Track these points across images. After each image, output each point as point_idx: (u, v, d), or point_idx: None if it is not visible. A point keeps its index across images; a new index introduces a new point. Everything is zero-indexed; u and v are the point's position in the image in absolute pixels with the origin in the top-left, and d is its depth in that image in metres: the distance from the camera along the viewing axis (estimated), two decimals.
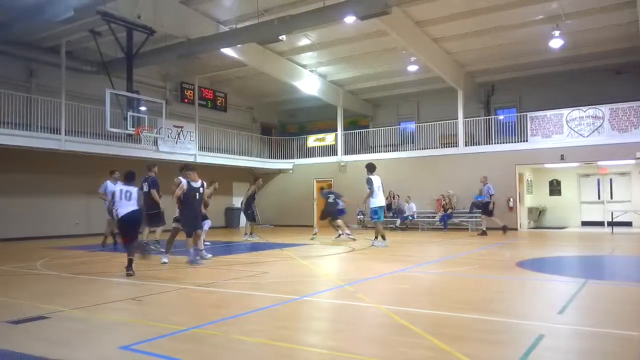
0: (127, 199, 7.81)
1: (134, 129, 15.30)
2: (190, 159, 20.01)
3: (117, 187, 8.28)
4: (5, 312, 5.01)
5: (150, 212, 10.39)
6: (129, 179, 8.12)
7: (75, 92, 17.18)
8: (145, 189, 10.57)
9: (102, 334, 4.24)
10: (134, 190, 7.91)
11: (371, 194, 11.90)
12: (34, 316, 4.79)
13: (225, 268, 8.64)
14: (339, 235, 14.43)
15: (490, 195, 16.08)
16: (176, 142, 19.39)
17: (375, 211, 12.10)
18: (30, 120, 15.75)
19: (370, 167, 12.22)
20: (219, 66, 20.36)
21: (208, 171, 18.55)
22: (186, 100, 22.03)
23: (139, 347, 3.76)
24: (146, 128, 16.10)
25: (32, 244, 14.38)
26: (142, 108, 16.58)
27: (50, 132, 15.79)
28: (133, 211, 7.73)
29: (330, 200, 14.82)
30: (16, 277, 7.83)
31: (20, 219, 16.10)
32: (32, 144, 15.28)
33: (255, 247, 13.06)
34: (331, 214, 14.66)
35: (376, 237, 12.32)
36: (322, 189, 18.05)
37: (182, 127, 19.88)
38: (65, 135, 15.90)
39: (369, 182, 11.97)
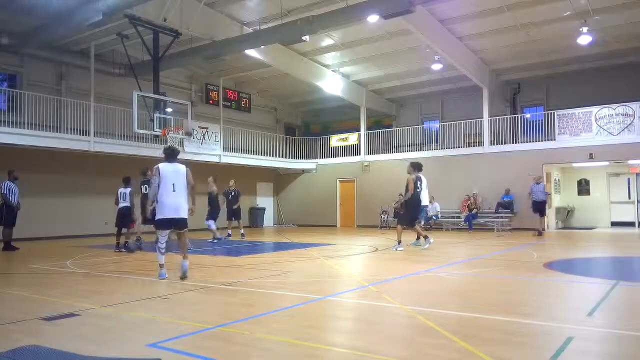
0: None
1: (160, 130, 15.55)
2: (215, 159, 20.25)
3: None
4: (37, 309, 5.15)
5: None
6: None
7: (104, 94, 17.59)
8: (145, 190, 11.86)
9: (130, 331, 4.33)
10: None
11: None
12: (64, 313, 4.92)
13: (251, 267, 8.72)
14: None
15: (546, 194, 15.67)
16: (201, 143, 19.62)
17: (421, 211, 11.95)
18: (61, 122, 16.19)
19: (418, 166, 11.77)
20: (243, 67, 20.55)
21: (232, 171, 18.81)
22: (211, 102, 22.29)
23: (166, 345, 3.82)
24: (172, 129, 16.35)
25: (62, 242, 14.74)
26: (169, 109, 16.85)
27: (80, 134, 16.17)
28: None
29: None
30: (48, 275, 8.05)
31: (50, 218, 16.51)
32: (63, 145, 15.68)
33: (280, 247, 13.14)
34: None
35: (418, 238, 12.13)
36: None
37: (207, 128, 20.10)
38: (94, 136, 16.27)
39: (419, 180, 11.55)
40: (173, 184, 7.02)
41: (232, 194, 15.24)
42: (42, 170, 16.18)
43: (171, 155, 7.32)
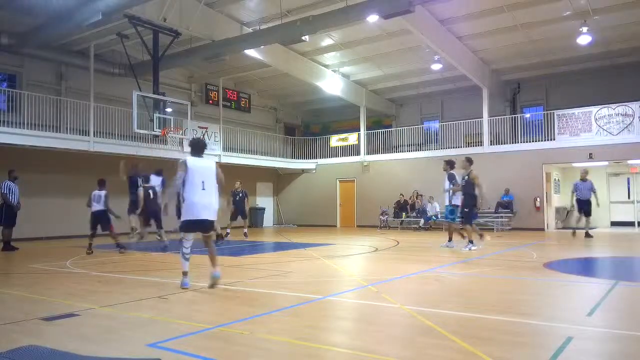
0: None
1: (160, 130, 15.54)
2: (215, 159, 20.22)
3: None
4: (36, 309, 5.15)
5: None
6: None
7: (104, 95, 17.59)
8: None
9: (130, 332, 4.32)
10: None
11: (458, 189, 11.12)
12: (64, 313, 4.92)
13: (251, 267, 8.72)
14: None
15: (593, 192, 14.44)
16: None
17: (452, 210, 11.51)
18: (61, 122, 16.18)
19: (451, 163, 11.56)
20: (243, 67, 20.55)
21: (232, 171, 18.80)
22: (211, 102, 22.31)
23: (166, 345, 3.82)
24: (172, 129, 16.34)
25: (62, 242, 14.73)
26: (168, 109, 16.85)
27: (80, 134, 16.17)
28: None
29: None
30: (48, 275, 8.04)
31: (50, 218, 16.50)
32: (62, 145, 15.69)
33: (280, 247, 13.13)
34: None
35: (450, 239, 11.77)
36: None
37: (206, 128, 20.11)
38: (94, 136, 16.26)
39: (453, 178, 11.27)
40: (202, 182, 6.20)
41: (239, 195, 15.24)
42: (42, 170, 16.17)
43: (198, 148, 6.48)
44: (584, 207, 14.42)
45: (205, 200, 6.23)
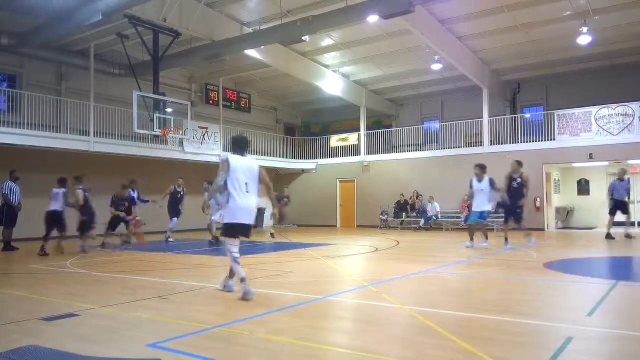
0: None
1: (160, 130, 15.54)
2: (215, 159, 20.22)
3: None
4: (36, 309, 5.15)
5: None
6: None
7: (104, 95, 17.59)
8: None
9: (130, 332, 4.32)
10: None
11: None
12: (64, 313, 4.92)
13: (251, 267, 8.71)
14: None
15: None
16: (201, 143, 19.62)
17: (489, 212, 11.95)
18: (60, 122, 16.18)
19: (485, 168, 11.92)
20: (243, 67, 20.53)
21: None
22: (211, 102, 22.30)
23: (166, 345, 3.82)
24: (172, 129, 16.35)
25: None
26: (168, 109, 16.85)
27: (80, 134, 16.16)
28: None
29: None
30: (48, 275, 8.04)
31: None
32: (62, 145, 15.67)
33: (280, 247, 13.14)
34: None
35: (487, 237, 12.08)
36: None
37: (206, 128, 20.10)
38: (94, 136, 16.25)
39: (494, 182, 11.71)
40: (246, 183, 5.76)
41: (283, 199, 15.66)
42: (42, 170, 16.12)
43: (241, 145, 6.01)
44: (621, 207, 14.08)
45: (249, 202, 5.79)
